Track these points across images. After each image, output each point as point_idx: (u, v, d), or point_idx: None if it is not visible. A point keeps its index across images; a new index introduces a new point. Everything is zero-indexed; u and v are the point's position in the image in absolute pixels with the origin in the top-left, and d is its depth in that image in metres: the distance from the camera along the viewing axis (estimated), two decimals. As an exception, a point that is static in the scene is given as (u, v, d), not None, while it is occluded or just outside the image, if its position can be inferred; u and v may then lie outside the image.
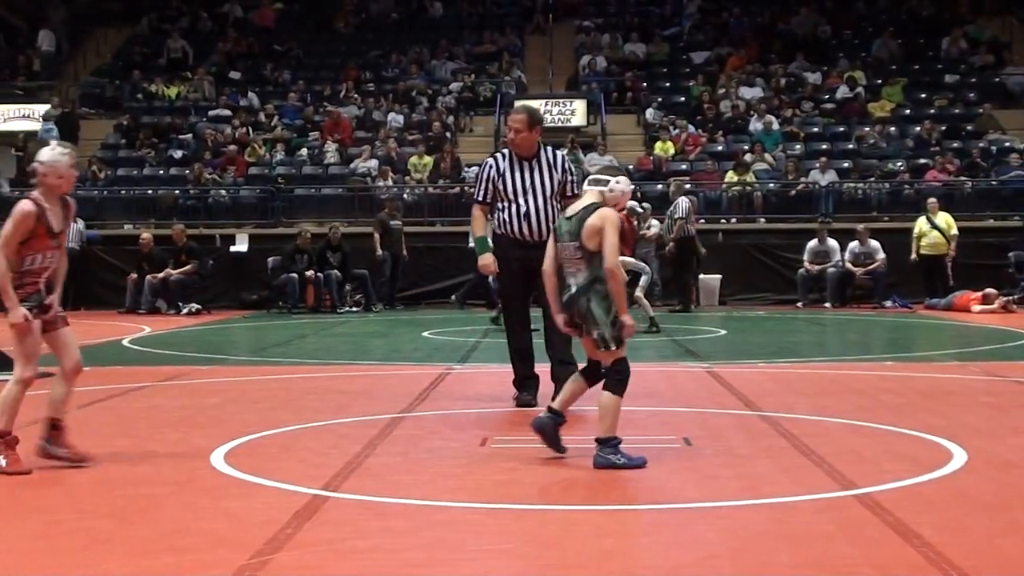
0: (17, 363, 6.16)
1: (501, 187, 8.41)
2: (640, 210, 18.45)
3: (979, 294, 18.69)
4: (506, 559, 4.44)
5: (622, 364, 6.19)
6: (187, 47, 30.72)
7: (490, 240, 8.59)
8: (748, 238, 22.09)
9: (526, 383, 8.54)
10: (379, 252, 20.21)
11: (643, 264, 15.53)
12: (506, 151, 8.63)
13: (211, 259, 20.93)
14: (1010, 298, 18.79)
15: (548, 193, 8.39)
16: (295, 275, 19.88)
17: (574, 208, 6.38)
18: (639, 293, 15.01)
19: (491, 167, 8.50)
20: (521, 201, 8.35)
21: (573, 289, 6.24)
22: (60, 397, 6.31)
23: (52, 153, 6.16)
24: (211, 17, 32.91)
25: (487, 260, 8.43)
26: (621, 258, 6.36)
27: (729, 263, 21.05)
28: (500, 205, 8.44)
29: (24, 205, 6.09)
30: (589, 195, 6.37)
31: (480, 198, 8.54)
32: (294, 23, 33.11)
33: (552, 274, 6.42)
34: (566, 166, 8.58)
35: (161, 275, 19.92)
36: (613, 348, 6.17)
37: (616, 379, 6.18)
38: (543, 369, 8.48)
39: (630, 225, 11.13)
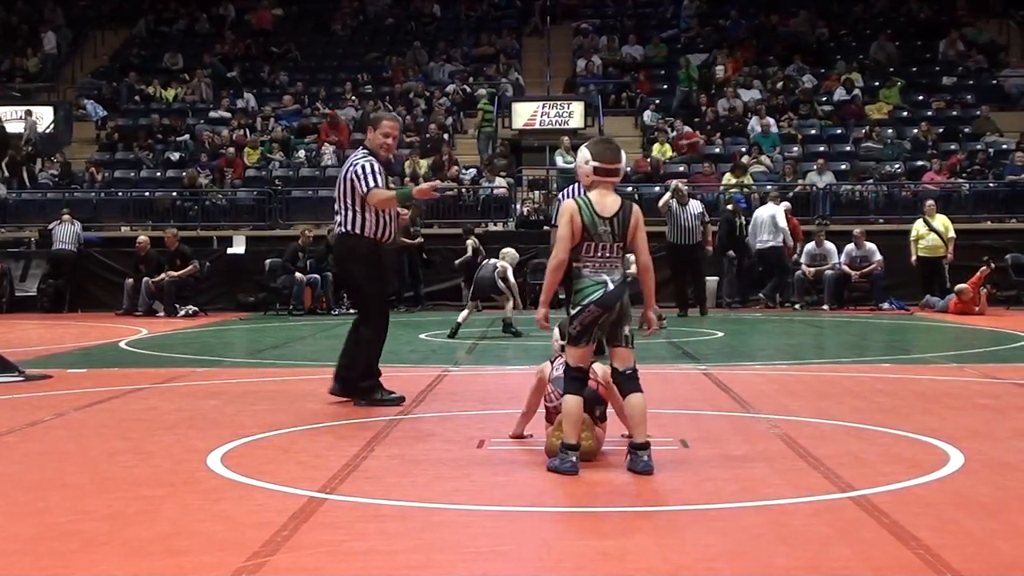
0: None
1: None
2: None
3: (954, 298, 18.64)
4: (503, 561, 4.44)
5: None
6: (182, 60, 30.76)
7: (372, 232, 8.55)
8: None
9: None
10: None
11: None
12: (371, 157, 8.60)
13: (208, 261, 20.92)
14: (988, 289, 18.75)
15: None
16: (300, 276, 19.85)
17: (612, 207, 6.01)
18: None
19: (375, 164, 8.55)
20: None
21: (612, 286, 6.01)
22: None
23: None
24: (208, 19, 32.92)
25: (432, 183, 8.76)
26: None
27: (727, 265, 21.02)
28: (369, 206, 8.51)
29: None
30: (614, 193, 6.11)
31: (380, 185, 8.50)
32: (292, 25, 33.14)
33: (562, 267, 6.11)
34: None
35: (157, 279, 19.89)
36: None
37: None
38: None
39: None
